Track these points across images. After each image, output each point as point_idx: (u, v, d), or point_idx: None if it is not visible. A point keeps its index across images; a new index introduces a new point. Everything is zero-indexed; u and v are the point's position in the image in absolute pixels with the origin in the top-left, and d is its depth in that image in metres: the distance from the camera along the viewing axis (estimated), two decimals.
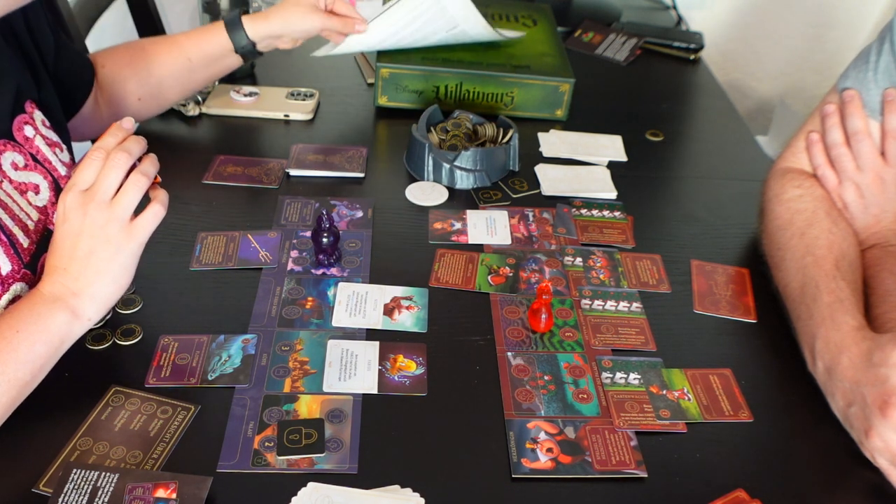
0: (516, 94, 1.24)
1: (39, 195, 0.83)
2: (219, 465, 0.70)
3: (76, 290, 0.72)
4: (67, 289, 0.72)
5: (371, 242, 0.97)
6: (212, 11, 1.28)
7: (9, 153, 0.81)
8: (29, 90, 0.87)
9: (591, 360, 0.83)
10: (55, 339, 0.71)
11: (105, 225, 0.72)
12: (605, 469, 0.72)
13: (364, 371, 0.80)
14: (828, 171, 0.93)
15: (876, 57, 0.90)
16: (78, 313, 0.72)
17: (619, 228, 1.03)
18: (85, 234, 0.72)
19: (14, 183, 0.81)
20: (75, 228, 0.72)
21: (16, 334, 0.69)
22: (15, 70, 0.85)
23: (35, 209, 0.82)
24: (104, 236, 0.72)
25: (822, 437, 0.76)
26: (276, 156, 1.13)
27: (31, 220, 0.81)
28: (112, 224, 0.72)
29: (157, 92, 1.10)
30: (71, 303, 0.72)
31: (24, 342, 0.69)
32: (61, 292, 0.72)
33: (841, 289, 0.80)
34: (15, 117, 0.83)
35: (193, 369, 0.79)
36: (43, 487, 0.66)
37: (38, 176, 0.84)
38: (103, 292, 0.73)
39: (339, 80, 1.34)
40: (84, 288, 0.72)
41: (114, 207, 0.73)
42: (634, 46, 1.51)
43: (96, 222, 0.72)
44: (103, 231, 0.72)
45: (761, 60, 2.05)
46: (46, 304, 0.71)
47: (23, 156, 0.83)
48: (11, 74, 0.84)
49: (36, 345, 0.70)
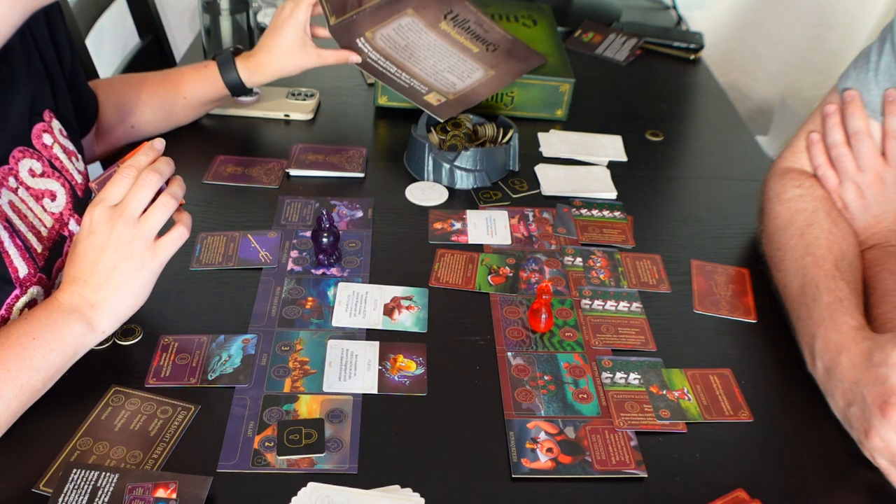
0: (516, 94, 1.24)
1: (56, 202, 0.85)
2: (219, 465, 0.70)
3: (94, 302, 0.73)
4: (85, 300, 0.73)
5: (371, 242, 0.97)
6: (212, 11, 1.28)
7: (27, 160, 0.82)
8: (47, 99, 0.88)
9: (591, 360, 0.83)
10: (69, 349, 0.72)
11: (130, 242, 0.73)
12: (605, 469, 0.72)
13: (364, 371, 0.80)
14: (828, 171, 0.93)
15: (877, 57, 0.90)
16: (94, 325, 0.73)
17: (619, 228, 1.03)
18: (109, 248, 0.73)
19: (31, 190, 0.82)
20: (100, 242, 0.73)
21: (32, 341, 0.70)
22: (35, 78, 0.86)
23: (50, 215, 0.84)
24: (128, 252, 0.73)
25: (822, 437, 0.76)
26: (276, 156, 1.13)
27: (45, 227, 0.83)
28: (137, 242, 0.74)
29: (149, 126, 1.12)
30: (88, 314, 0.73)
31: (39, 350, 0.70)
32: (79, 303, 0.73)
33: (840, 289, 0.80)
34: (34, 125, 0.84)
35: (193, 369, 0.79)
36: (43, 487, 0.66)
37: (55, 183, 0.85)
38: (120, 307, 0.75)
39: (339, 80, 1.34)
40: (102, 301, 0.73)
41: (141, 226, 0.74)
42: (634, 46, 1.51)
43: (122, 238, 0.73)
44: (128, 248, 0.73)
45: (761, 60, 2.05)
46: (64, 313, 0.72)
47: (41, 163, 0.84)
48: (32, 83, 0.85)
49: (51, 353, 0.71)
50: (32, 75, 0.86)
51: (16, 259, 0.77)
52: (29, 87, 0.84)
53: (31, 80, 0.85)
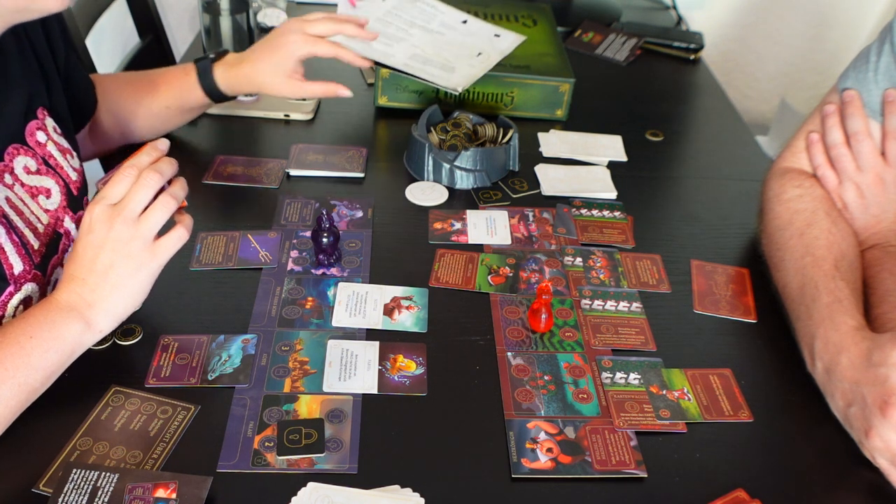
0: (516, 94, 1.24)
1: (51, 199, 0.85)
2: (219, 465, 0.70)
3: (91, 301, 0.73)
4: (83, 299, 0.73)
5: (371, 242, 0.97)
6: (212, 11, 1.27)
7: (21, 157, 0.82)
8: (41, 97, 0.87)
9: (591, 360, 0.83)
10: (67, 348, 0.72)
11: (129, 241, 0.73)
12: (605, 469, 0.72)
13: (364, 371, 0.80)
14: (828, 171, 0.93)
15: (876, 57, 0.90)
16: (91, 324, 0.73)
17: (619, 228, 1.03)
18: (108, 247, 0.73)
19: (26, 187, 0.82)
20: (99, 240, 0.73)
21: (29, 340, 0.70)
22: (29, 76, 0.86)
23: (45, 212, 0.84)
24: (126, 252, 0.73)
25: (822, 437, 0.76)
26: (276, 156, 1.13)
27: (41, 224, 0.82)
28: (136, 241, 0.74)
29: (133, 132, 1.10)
30: (85, 313, 0.73)
31: (37, 348, 0.70)
32: (77, 302, 0.73)
33: (840, 289, 0.80)
34: (28, 123, 0.84)
35: (193, 369, 0.79)
36: (43, 487, 0.66)
37: (50, 180, 0.85)
38: (118, 307, 0.75)
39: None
40: (99, 300, 0.73)
41: (140, 225, 0.74)
42: (634, 46, 1.51)
43: (121, 237, 0.73)
44: (126, 247, 0.73)
45: (761, 60, 2.05)
46: (61, 312, 0.72)
47: (35, 160, 0.84)
48: (25, 80, 0.85)
49: (49, 352, 0.71)
50: (27, 73, 0.85)
51: (11, 255, 0.77)
52: (24, 85, 0.84)
53: (26, 78, 0.85)
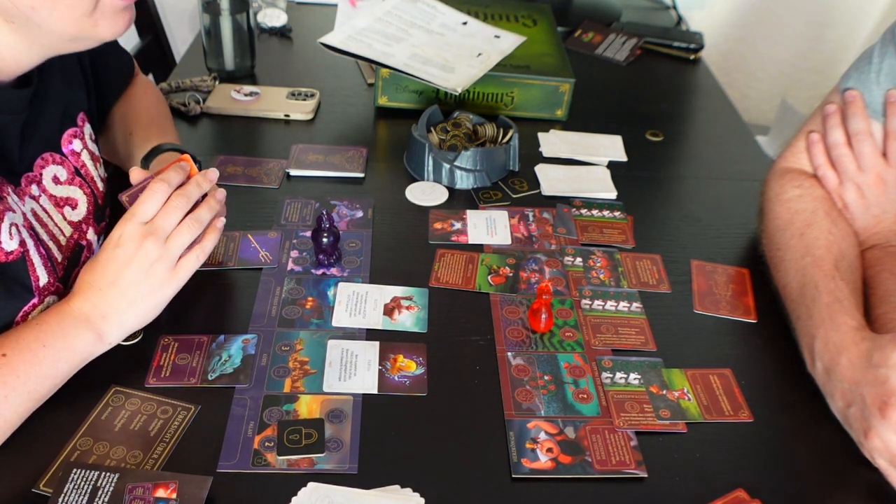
0: (516, 94, 1.24)
1: (76, 210, 0.85)
2: (219, 465, 0.70)
3: (106, 313, 0.74)
4: (98, 310, 0.73)
5: (371, 242, 0.97)
6: (212, 11, 1.28)
7: (52, 167, 0.82)
8: (81, 102, 0.88)
9: (591, 360, 0.83)
10: (77, 358, 0.73)
11: (155, 262, 0.75)
12: (605, 469, 0.72)
13: (364, 371, 0.80)
14: (828, 172, 0.93)
15: (879, 59, 0.90)
16: (102, 336, 0.74)
17: (619, 228, 1.03)
18: (134, 264, 0.74)
19: (52, 197, 0.82)
20: (126, 256, 0.74)
21: (42, 348, 0.70)
22: (70, 83, 0.86)
23: (69, 224, 0.84)
24: (151, 272, 0.75)
25: (822, 437, 0.76)
26: (276, 156, 1.13)
27: (64, 236, 0.83)
28: (162, 263, 0.75)
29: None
30: (98, 325, 0.73)
31: (48, 358, 0.70)
32: (91, 312, 0.73)
33: (840, 289, 0.80)
34: (65, 130, 0.84)
35: (193, 369, 0.79)
36: (43, 487, 0.66)
37: (78, 191, 0.85)
38: (130, 321, 0.76)
39: (339, 80, 1.34)
40: (114, 314, 0.74)
41: (167, 247, 0.75)
42: (634, 46, 1.51)
43: (149, 256, 0.74)
44: (151, 267, 0.75)
45: (761, 60, 2.06)
46: (74, 320, 0.73)
47: (66, 170, 0.84)
48: (67, 89, 0.85)
49: (59, 362, 0.71)
50: (68, 81, 0.85)
51: (38, 267, 0.77)
52: (64, 94, 0.84)
53: (67, 85, 0.85)
